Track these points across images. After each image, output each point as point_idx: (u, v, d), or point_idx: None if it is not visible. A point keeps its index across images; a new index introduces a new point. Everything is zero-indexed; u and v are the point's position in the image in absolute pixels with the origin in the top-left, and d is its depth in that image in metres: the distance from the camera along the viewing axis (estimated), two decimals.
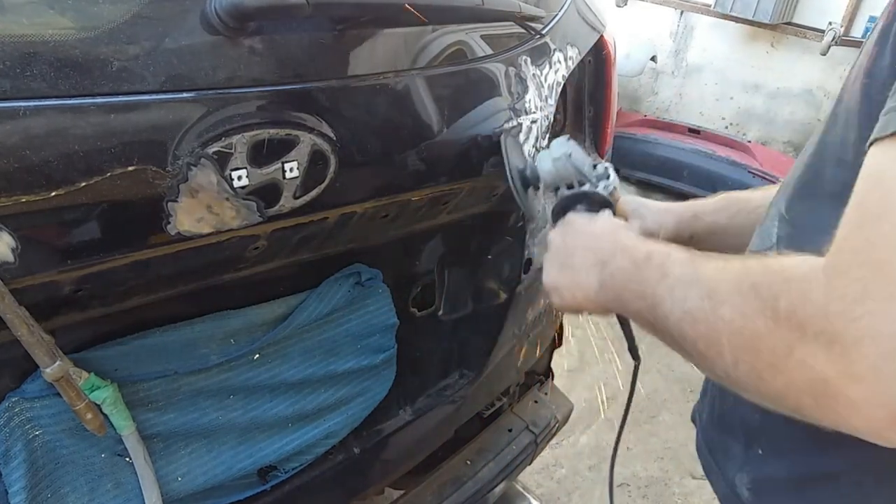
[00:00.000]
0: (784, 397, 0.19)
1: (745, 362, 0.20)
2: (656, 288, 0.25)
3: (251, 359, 0.41)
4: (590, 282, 0.29)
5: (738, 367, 0.20)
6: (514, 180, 0.40)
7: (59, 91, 0.26)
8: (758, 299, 0.20)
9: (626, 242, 0.28)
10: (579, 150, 0.38)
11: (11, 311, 0.26)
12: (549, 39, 0.49)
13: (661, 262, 0.25)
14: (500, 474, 0.61)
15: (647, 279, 0.25)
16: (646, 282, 0.25)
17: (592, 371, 1.30)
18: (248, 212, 0.32)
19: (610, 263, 0.28)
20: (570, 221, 0.33)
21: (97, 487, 0.35)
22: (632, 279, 0.26)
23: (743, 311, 0.20)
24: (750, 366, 0.20)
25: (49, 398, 0.32)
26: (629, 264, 0.27)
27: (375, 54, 0.38)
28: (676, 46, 2.24)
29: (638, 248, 0.27)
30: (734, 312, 0.20)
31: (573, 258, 0.31)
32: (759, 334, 0.19)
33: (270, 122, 0.32)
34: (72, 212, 0.27)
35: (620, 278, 0.27)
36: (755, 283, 0.20)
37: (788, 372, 0.19)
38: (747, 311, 0.20)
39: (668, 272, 0.24)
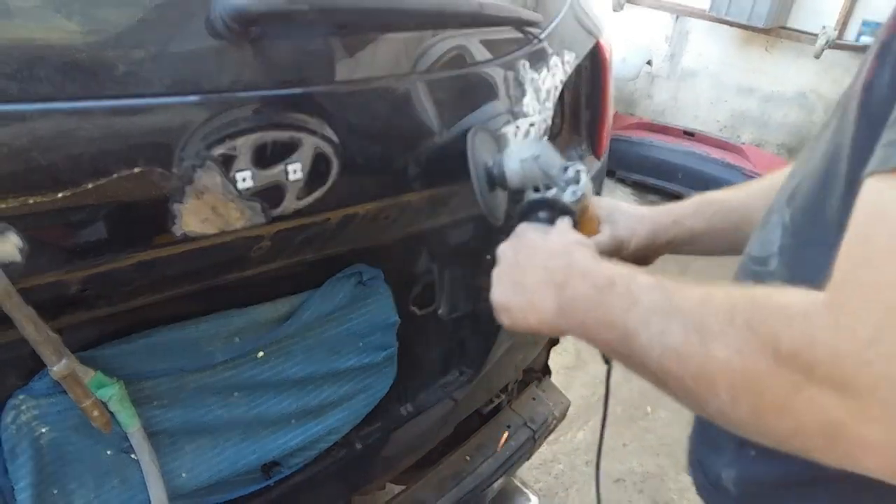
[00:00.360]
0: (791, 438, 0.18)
1: (745, 403, 0.18)
2: (626, 318, 0.22)
3: (255, 357, 0.41)
4: (545, 305, 0.26)
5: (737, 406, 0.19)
6: (478, 178, 0.37)
7: (66, 94, 0.26)
8: (755, 337, 0.18)
9: (584, 264, 0.26)
10: (550, 151, 0.35)
11: (19, 311, 0.27)
12: (547, 44, 0.50)
13: (627, 288, 0.23)
14: (499, 470, 0.62)
15: (612, 307, 0.23)
16: (612, 310, 0.23)
17: (589, 368, 1.30)
18: (252, 213, 0.33)
19: (567, 287, 0.25)
20: (522, 234, 0.31)
21: (103, 484, 0.35)
22: (595, 307, 0.24)
23: (739, 350, 0.18)
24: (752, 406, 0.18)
25: (56, 396, 0.32)
26: (590, 290, 0.24)
27: (377, 58, 0.38)
28: (672, 50, 2.24)
29: (598, 272, 0.25)
30: (729, 350, 0.18)
31: (526, 277, 0.28)
32: (759, 374, 0.18)
33: (274, 124, 0.32)
34: (78, 213, 0.27)
35: (582, 305, 0.25)
36: (749, 320, 0.18)
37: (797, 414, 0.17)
38: (745, 350, 0.18)
39: (637, 299, 0.22)
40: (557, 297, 0.26)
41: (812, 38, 1.87)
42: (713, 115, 2.24)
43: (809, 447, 0.18)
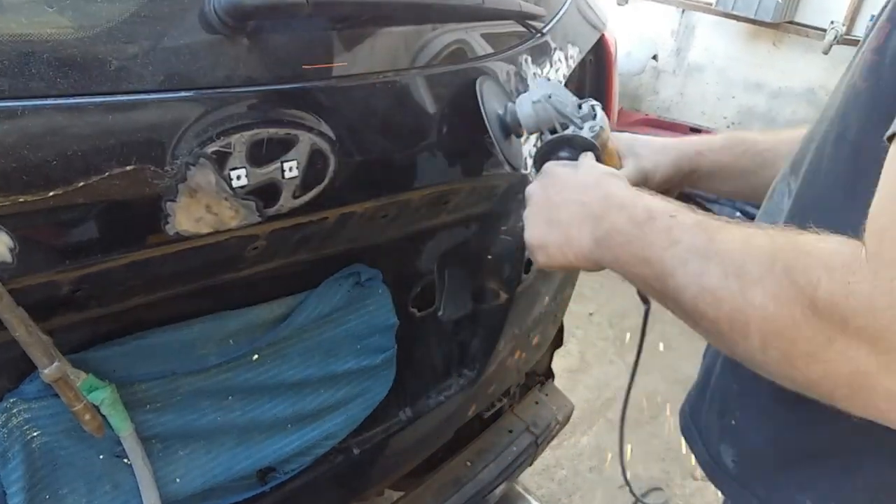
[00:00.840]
0: (817, 386, 0.18)
1: (776, 349, 0.19)
2: (664, 256, 0.22)
3: (250, 359, 0.41)
4: (582, 239, 0.26)
5: (767, 352, 0.19)
6: (492, 127, 0.36)
7: (58, 90, 0.26)
8: (794, 286, 0.18)
9: (621, 196, 0.25)
10: (562, 90, 0.35)
11: (9, 312, 0.26)
12: (550, 38, 0.49)
13: (668, 225, 0.23)
14: (501, 475, 0.61)
15: (651, 244, 0.23)
16: (650, 247, 0.23)
17: (593, 372, 1.29)
18: (247, 212, 0.32)
19: (604, 219, 0.25)
20: (550, 172, 0.30)
21: (95, 488, 0.35)
22: (632, 241, 0.24)
23: (776, 296, 0.18)
24: (782, 353, 0.19)
25: (47, 399, 0.32)
26: (628, 223, 0.24)
27: (375, 53, 0.37)
28: (678, 45, 2.23)
29: (636, 205, 0.24)
30: (766, 297, 0.19)
31: (559, 212, 0.27)
32: (795, 323, 0.18)
33: (269, 121, 0.31)
34: (70, 212, 0.27)
35: (619, 239, 0.25)
36: (789, 267, 0.18)
37: (826, 363, 0.18)
38: (781, 297, 0.18)
39: (678, 239, 0.22)
40: (594, 229, 0.26)
41: (820, 34, 1.85)
42: (720, 111, 2.22)
43: (835, 395, 0.18)
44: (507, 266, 0.55)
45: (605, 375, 1.30)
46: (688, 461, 1.08)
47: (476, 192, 0.47)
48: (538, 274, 0.57)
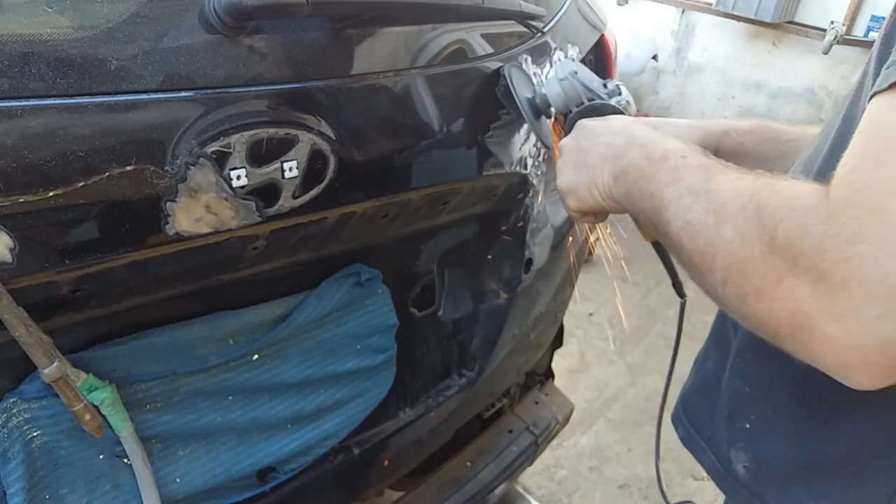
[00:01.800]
0: (764, 323, 0.19)
1: (733, 284, 0.20)
2: (664, 191, 0.24)
3: (250, 359, 0.41)
4: (605, 176, 0.28)
5: (725, 286, 0.20)
6: (524, 110, 0.38)
7: (58, 90, 0.26)
8: (759, 224, 0.19)
9: (643, 136, 0.27)
10: (586, 70, 0.36)
11: (9, 312, 0.26)
12: (550, 38, 0.49)
13: (676, 164, 0.24)
14: (501, 475, 0.61)
15: (657, 179, 0.24)
16: (656, 182, 0.24)
17: (593, 372, 1.29)
18: (246, 212, 0.32)
19: (624, 157, 0.27)
20: (582, 125, 0.31)
21: (95, 488, 0.35)
22: (643, 176, 0.25)
23: (743, 233, 0.20)
24: (737, 288, 0.20)
25: (47, 399, 0.32)
26: (643, 160, 0.26)
27: (375, 53, 0.37)
28: (678, 45, 2.23)
29: (655, 145, 0.26)
30: (734, 233, 0.20)
31: (588, 156, 0.29)
32: (753, 258, 0.19)
33: (269, 121, 0.31)
34: (70, 212, 0.27)
35: (633, 174, 0.26)
36: (760, 206, 0.19)
37: (773, 300, 0.19)
38: (747, 234, 0.20)
39: (680, 177, 0.23)
40: (614, 166, 0.27)
41: (820, 34, 1.85)
42: (720, 110, 2.22)
43: (779, 334, 0.19)
44: (507, 266, 0.54)
45: (605, 375, 1.29)
46: (687, 461, 1.08)
47: (476, 192, 0.47)
48: (538, 274, 0.57)
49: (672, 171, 0.24)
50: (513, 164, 0.47)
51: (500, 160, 0.45)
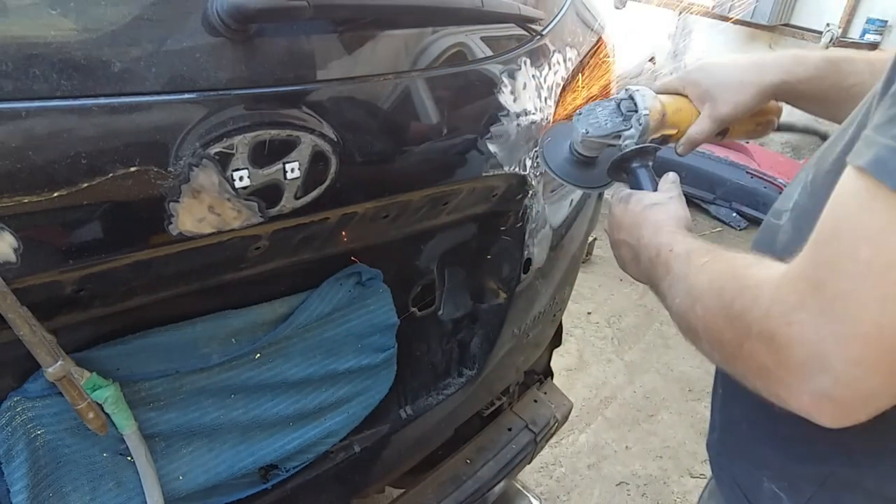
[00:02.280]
0: (744, 378, 0.24)
1: (715, 350, 0.25)
2: (661, 284, 0.29)
3: (252, 358, 0.41)
4: (634, 270, 0.35)
5: (713, 354, 0.25)
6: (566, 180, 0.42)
7: (62, 92, 0.26)
8: (720, 301, 0.24)
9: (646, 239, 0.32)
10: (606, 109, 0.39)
11: (13, 311, 0.27)
12: (549, 41, 0.50)
13: (666, 259, 0.29)
14: (500, 473, 0.61)
15: (656, 275, 0.30)
16: (657, 277, 0.30)
17: (591, 370, 1.29)
18: (249, 212, 0.32)
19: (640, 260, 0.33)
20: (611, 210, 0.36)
21: (99, 486, 0.35)
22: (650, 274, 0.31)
23: (709, 309, 0.24)
24: (719, 353, 0.25)
25: (51, 398, 0.32)
26: (647, 262, 0.32)
27: (376, 56, 0.38)
28: (675, 48, 2.25)
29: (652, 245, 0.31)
30: (704, 310, 0.25)
31: (620, 250, 0.35)
32: (719, 329, 0.24)
33: (272, 122, 0.32)
34: (74, 212, 0.27)
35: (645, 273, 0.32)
36: (722, 287, 0.24)
37: (742, 361, 0.23)
38: (712, 309, 0.24)
39: (670, 269, 0.29)
40: (636, 266, 0.34)
41: (816, 36, 1.87)
42: None
43: (756, 387, 0.23)
44: (507, 266, 0.55)
45: (604, 374, 1.30)
46: (685, 458, 1.09)
47: (476, 192, 0.48)
48: (537, 274, 0.58)
49: (664, 265, 0.29)
50: (512, 165, 0.47)
51: (500, 161, 0.46)
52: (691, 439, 1.12)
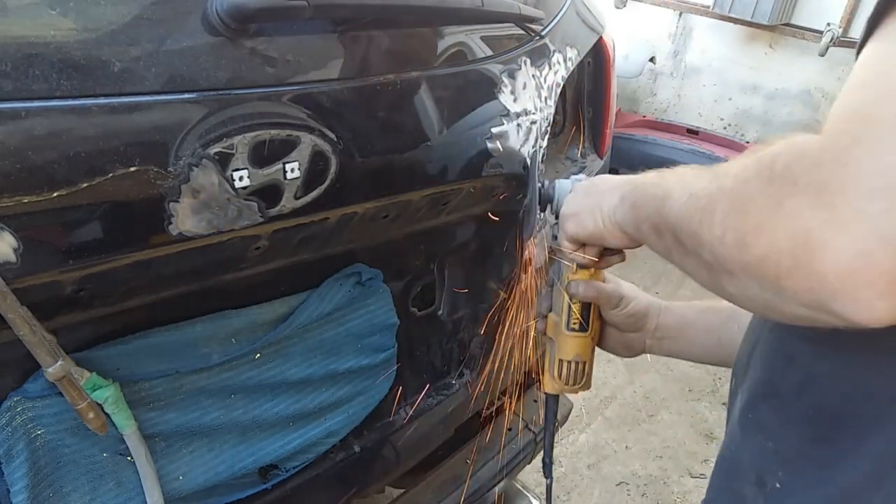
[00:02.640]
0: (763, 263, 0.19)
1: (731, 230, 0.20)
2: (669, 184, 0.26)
3: (252, 358, 0.41)
4: (612, 198, 0.31)
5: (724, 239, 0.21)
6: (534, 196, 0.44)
7: (62, 92, 0.26)
8: (758, 164, 0.20)
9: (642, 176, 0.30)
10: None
11: (13, 311, 0.27)
12: (549, 41, 0.50)
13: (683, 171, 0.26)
14: (500, 473, 0.61)
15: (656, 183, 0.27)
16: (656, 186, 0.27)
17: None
18: (249, 212, 0.32)
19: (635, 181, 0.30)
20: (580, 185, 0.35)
21: (99, 486, 0.35)
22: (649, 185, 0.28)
23: (742, 177, 0.20)
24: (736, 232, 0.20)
25: (51, 397, 0.32)
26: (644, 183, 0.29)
27: (376, 55, 0.38)
28: (675, 48, 2.24)
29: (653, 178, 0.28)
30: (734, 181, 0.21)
31: (599, 186, 0.33)
32: (751, 196, 0.20)
33: (271, 123, 0.32)
34: (74, 212, 0.27)
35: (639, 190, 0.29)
36: (759, 157, 0.20)
37: (773, 229, 0.19)
38: (746, 176, 0.20)
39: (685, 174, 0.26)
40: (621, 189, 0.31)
41: (817, 36, 1.87)
42: (717, 112, 2.23)
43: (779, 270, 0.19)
44: (507, 266, 0.55)
45: (603, 374, 1.30)
46: (684, 458, 1.09)
47: (476, 192, 0.48)
48: (537, 273, 0.58)
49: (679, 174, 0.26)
50: (512, 165, 0.47)
51: (500, 161, 0.46)
52: (691, 439, 1.12)
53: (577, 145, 0.63)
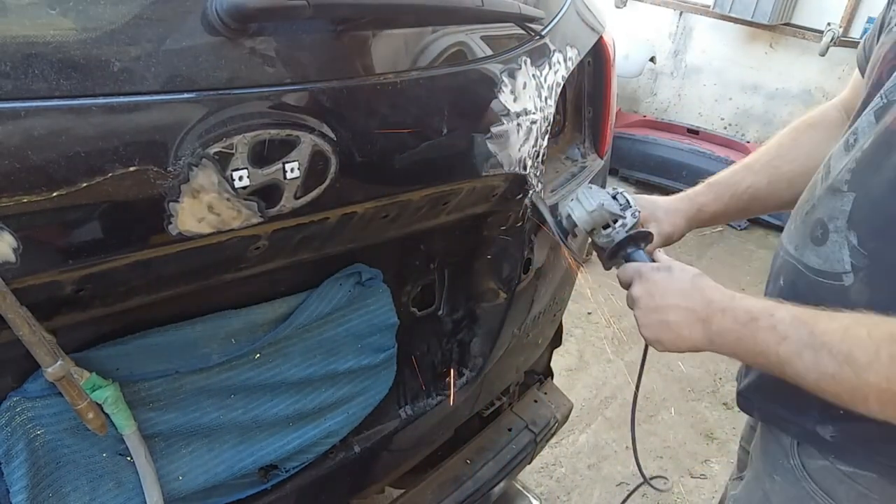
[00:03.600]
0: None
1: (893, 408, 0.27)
2: (777, 350, 0.30)
3: (252, 358, 0.41)
4: (695, 337, 0.34)
5: (885, 411, 0.27)
6: (558, 234, 0.47)
7: (61, 92, 0.26)
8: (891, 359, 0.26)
9: (718, 300, 0.33)
10: (605, 195, 0.44)
11: (13, 311, 0.27)
12: (549, 40, 0.50)
13: (771, 324, 0.30)
14: (500, 473, 0.61)
15: (762, 341, 0.31)
16: (762, 343, 0.31)
17: (592, 370, 1.29)
18: (249, 212, 0.32)
19: (712, 322, 0.33)
20: (649, 277, 0.38)
21: (98, 487, 0.35)
22: (742, 339, 0.31)
23: (887, 377, 0.26)
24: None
25: (50, 398, 0.32)
26: (734, 324, 0.32)
27: (376, 55, 0.38)
28: (675, 47, 2.24)
29: (735, 308, 0.32)
30: (879, 378, 0.27)
31: (668, 315, 0.35)
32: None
33: (271, 122, 0.32)
34: (73, 212, 0.27)
35: (730, 337, 0.32)
36: (892, 354, 0.26)
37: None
38: (891, 377, 0.26)
39: (785, 335, 0.30)
40: (705, 330, 0.34)
41: (817, 35, 1.87)
42: (717, 112, 2.24)
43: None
44: (507, 266, 0.55)
45: (604, 374, 1.30)
46: (685, 458, 1.09)
47: (476, 192, 0.47)
48: (537, 273, 0.58)
49: (770, 330, 0.30)
50: (512, 165, 0.47)
51: (500, 161, 0.46)
52: (691, 439, 1.12)
53: (577, 145, 0.63)
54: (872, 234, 0.30)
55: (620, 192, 0.44)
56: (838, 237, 0.32)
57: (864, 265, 0.31)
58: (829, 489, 0.34)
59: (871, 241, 0.30)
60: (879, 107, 0.31)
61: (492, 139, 0.45)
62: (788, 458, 0.35)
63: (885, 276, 0.29)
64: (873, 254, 0.30)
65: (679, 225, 0.45)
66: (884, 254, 0.30)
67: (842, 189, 0.32)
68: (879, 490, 0.32)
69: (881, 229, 0.30)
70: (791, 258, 0.35)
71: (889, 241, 0.30)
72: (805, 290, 0.34)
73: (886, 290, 0.29)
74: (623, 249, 0.42)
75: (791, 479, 0.36)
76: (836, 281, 0.32)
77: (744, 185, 0.44)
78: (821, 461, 0.34)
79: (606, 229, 0.43)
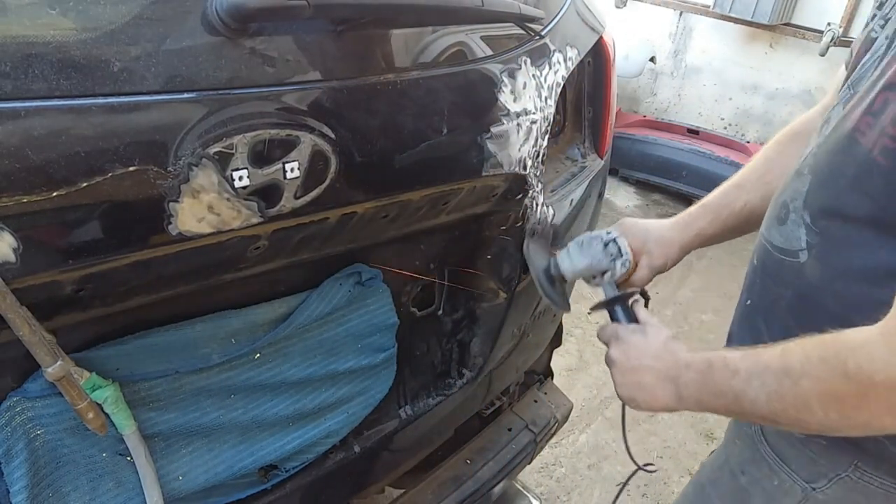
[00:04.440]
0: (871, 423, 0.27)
1: (834, 411, 0.28)
2: (732, 384, 0.31)
3: (252, 358, 0.41)
4: (667, 396, 0.36)
5: (829, 416, 0.28)
6: (541, 282, 0.46)
7: (61, 92, 0.26)
8: (828, 366, 0.27)
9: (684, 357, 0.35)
10: (597, 247, 0.44)
11: (13, 311, 0.27)
12: (549, 40, 0.50)
13: (723, 364, 0.32)
14: (500, 473, 0.61)
15: (719, 381, 0.32)
16: (719, 383, 0.32)
17: (592, 370, 1.29)
18: (249, 212, 0.32)
19: (680, 378, 0.35)
20: (625, 339, 0.39)
21: (98, 486, 0.35)
22: (704, 384, 0.33)
23: (819, 377, 0.28)
24: (838, 412, 0.28)
25: (50, 398, 0.32)
26: (696, 375, 0.34)
27: (376, 55, 0.38)
28: (675, 47, 2.24)
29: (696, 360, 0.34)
30: (812, 380, 0.28)
31: (642, 376, 0.37)
32: (837, 389, 0.27)
33: (271, 122, 0.32)
34: (73, 212, 0.27)
35: (694, 388, 0.34)
36: (821, 355, 0.28)
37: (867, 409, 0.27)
38: (822, 376, 0.27)
39: (736, 369, 0.31)
40: (675, 387, 0.36)
41: (817, 35, 1.87)
42: (717, 112, 2.24)
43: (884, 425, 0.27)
44: (507, 266, 0.55)
45: (604, 374, 1.30)
46: (684, 458, 1.09)
47: (476, 192, 0.47)
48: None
49: (723, 369, 0.32)
50: (512, 165, 0.47)
51: (500, 161, 0.46)
52: (691, 439, 1.12)
53: (577, 145, 0.63)
54: (822, 213, 0.32)
55: (614, 238, 0.44)
56: (796, 216, 0.33)
57: (816, 242, 0.32)
58: (780, 452, 0.36)
59: (821, 220, 0.32)
60: (847, 97, 0.32)
61: (492, 139, 0.45)
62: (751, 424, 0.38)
63: (833, 253, 0.30)
64: (823, 232, 0.31)
65: (672, 255, 0.46)
66: (831, 231, 0.31)
67: (803, 172, 0.33)
68: (828, 457, 0.33)
69: (828, 208, 0.31)
70: (763, 239, 0.37)
71: (834, 220, 0.31)
72: (772, 267, 0.35)
73: (833, 266, 0.30)
74: (615, 303, 0.43)
75: (749, 443, 0.38)
76: (794, 258, 0.33)
77: (739, 203, 0.44)
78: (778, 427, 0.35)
79: (595, 279, 0.44)
